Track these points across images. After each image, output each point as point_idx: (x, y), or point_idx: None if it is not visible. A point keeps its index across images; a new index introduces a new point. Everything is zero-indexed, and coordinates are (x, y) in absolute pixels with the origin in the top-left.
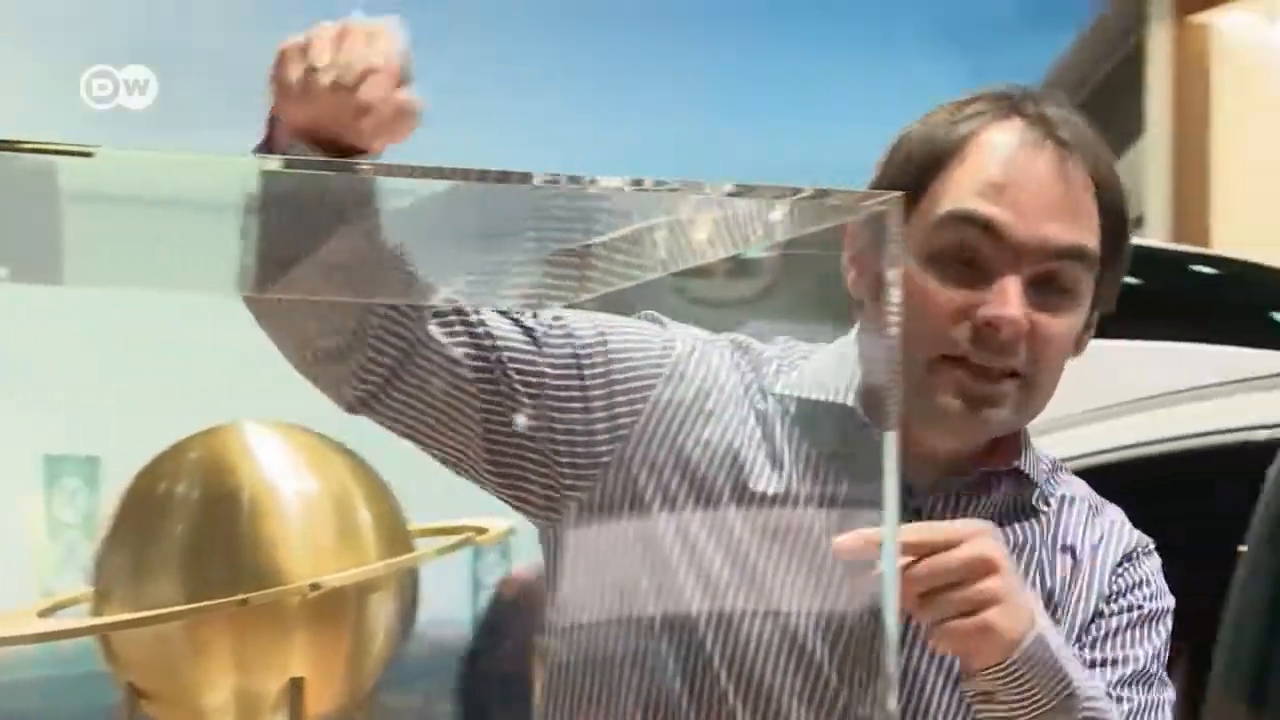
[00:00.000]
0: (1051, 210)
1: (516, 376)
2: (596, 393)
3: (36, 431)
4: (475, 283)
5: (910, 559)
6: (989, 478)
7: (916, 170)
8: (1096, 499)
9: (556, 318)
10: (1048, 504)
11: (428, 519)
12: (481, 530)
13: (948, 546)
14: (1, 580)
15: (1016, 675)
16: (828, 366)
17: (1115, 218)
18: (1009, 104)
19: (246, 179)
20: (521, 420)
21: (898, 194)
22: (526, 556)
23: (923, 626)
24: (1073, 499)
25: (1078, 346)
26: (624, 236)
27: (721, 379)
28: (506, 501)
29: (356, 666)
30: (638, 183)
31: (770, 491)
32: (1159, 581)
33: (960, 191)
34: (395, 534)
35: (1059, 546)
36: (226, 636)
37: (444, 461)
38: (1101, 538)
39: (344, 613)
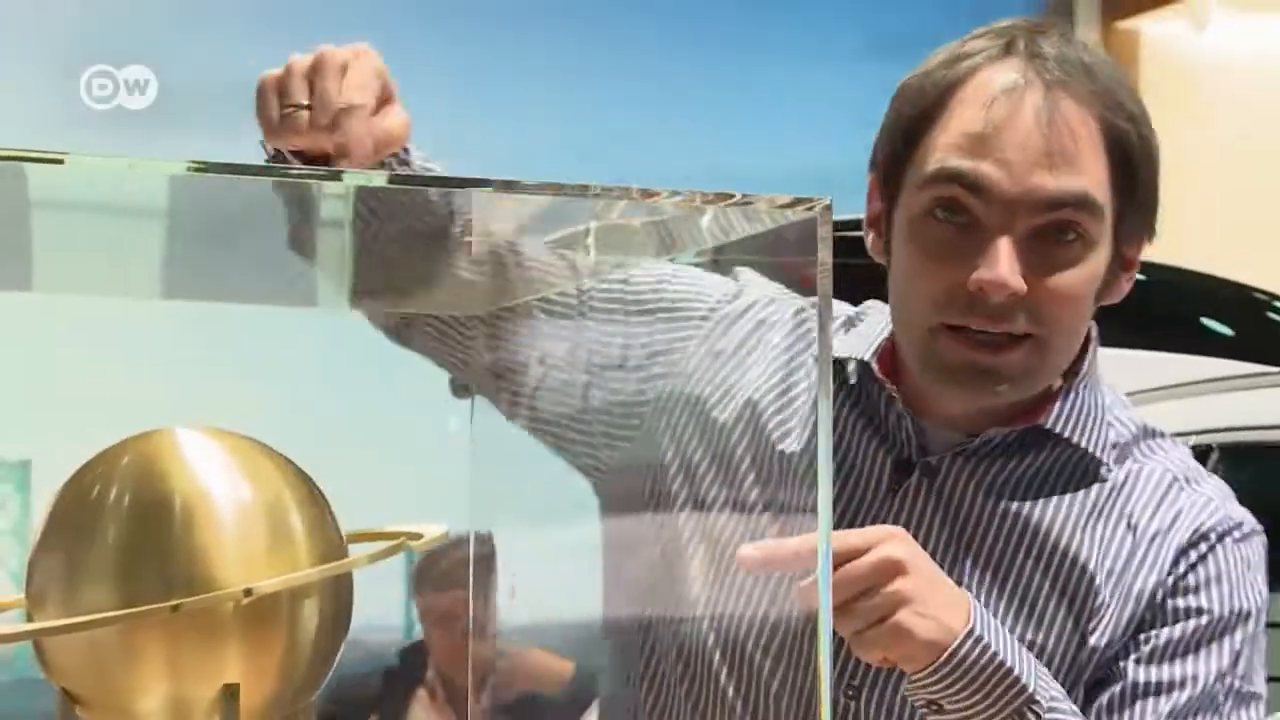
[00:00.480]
0: (1041, 158)
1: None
2: (637, 341)
3: None
4: (410, 285)
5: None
6: (1024, 438)
7: (906, 127)
8: (1191, 472)
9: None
10: (1110, 471)
11: (362, 524)
12: (416, 535)
13: (856, 554)
14: None
15: (950, 679)
16: (873, 328)
17: (1125, 151)
18: (1003, 44)
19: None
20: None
21: (825, 199)
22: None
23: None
24: (1151, 471)
25: (1112, 291)
26: (556, 241)
27: (769, 336)
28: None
29: (291, 672)
30: (583, 187)
31: (793, 450)
32: (1240, 576)
33: (943, 148)
34: (329, 540)
35: (1122, 522)
36: (160, 642)
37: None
38: (1177, 517)
39: (278, 618)
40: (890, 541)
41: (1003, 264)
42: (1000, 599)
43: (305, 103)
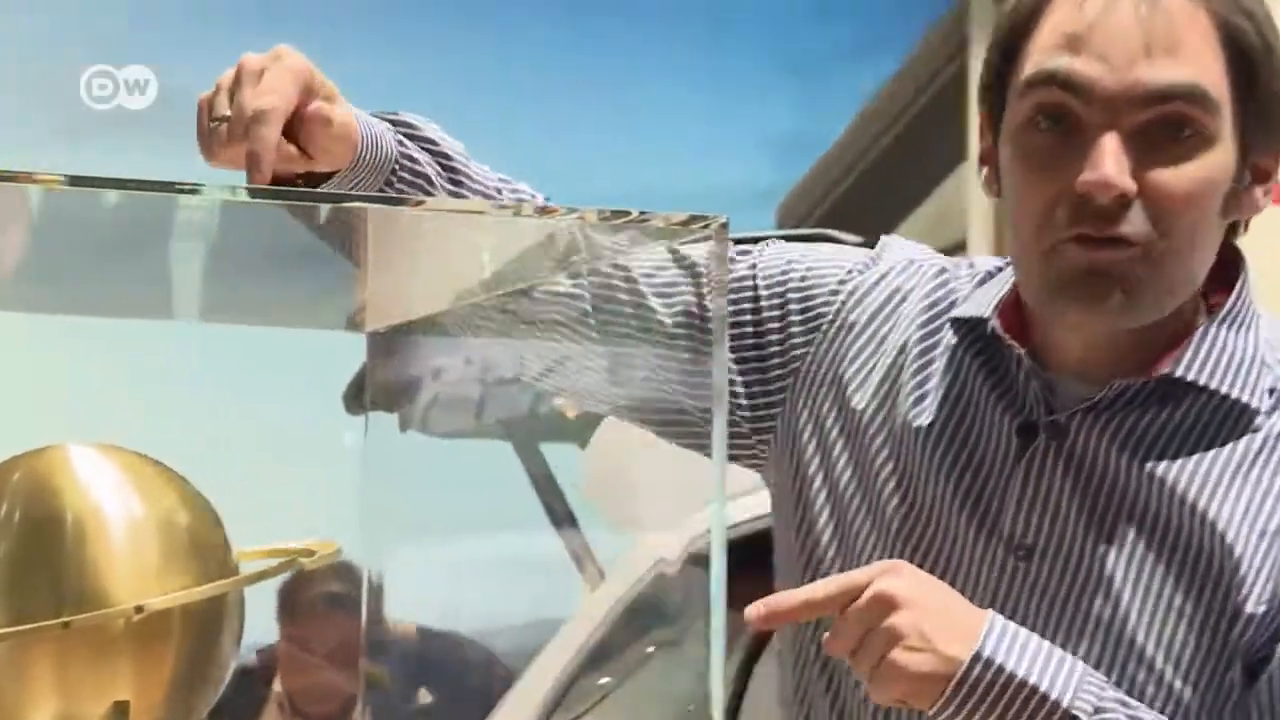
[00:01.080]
0: (1143, 49)
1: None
2: (771, 326)
3: None
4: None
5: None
6: (1159, 388)
7: (1004, 41)
8: None
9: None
10: (1265, 419)
11: (256, 541)
12: (310, 553)
13: (859, 591)
14: None
15: (966, 708)
16: (999, 284)
17: (1242, 48)
18: None
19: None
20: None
21: (721, 218)
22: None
23: None
24: None
25: (1239, 206)
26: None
27: (903, 307)
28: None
29: (184, 690)
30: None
31: (921, 423)
32: None
33: (1039, 51)
34: (222, 557)
35: (1278, 476)
36: (49, 659)
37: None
38: None
39: (170, 635)
40: (886, 576)
41: (1108, 162)
42: (1136, 566)
43: (225, 114)
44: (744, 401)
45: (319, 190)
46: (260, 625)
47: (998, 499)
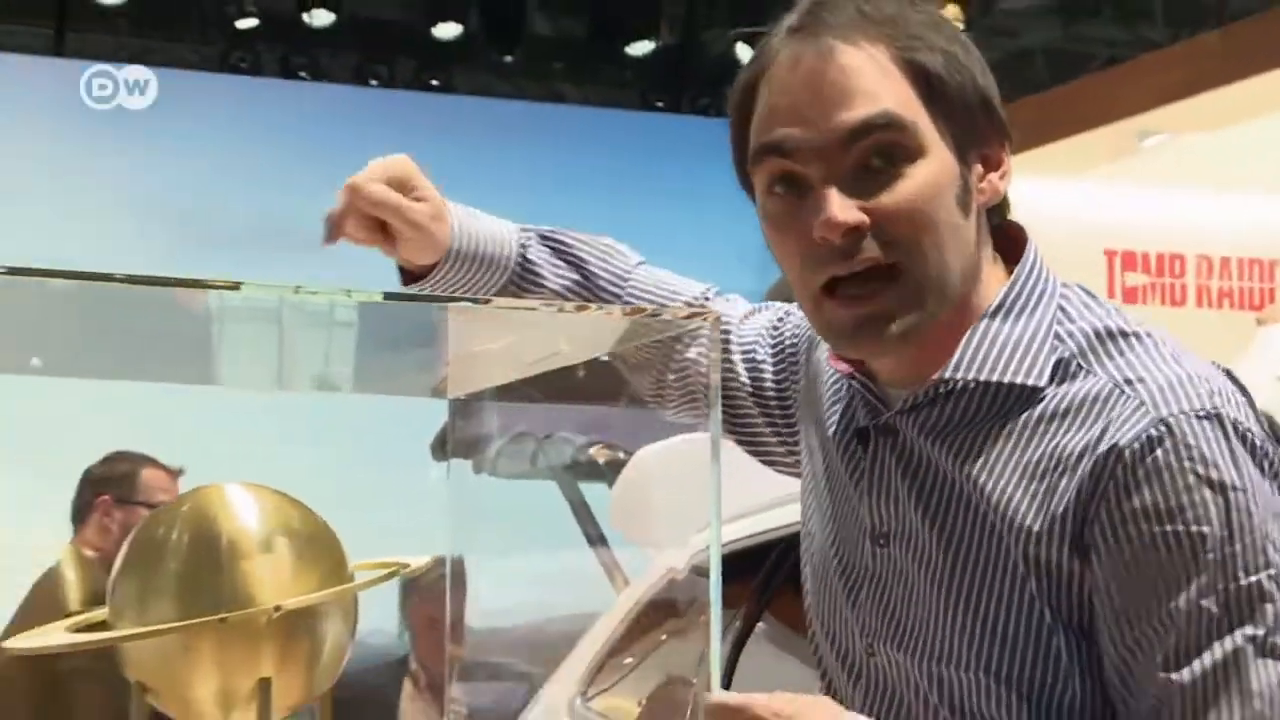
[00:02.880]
0: (832, 101)
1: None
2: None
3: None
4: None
5: None
6: (939, 386)
7: (738, 111)
8: (1142, 371)
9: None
10: (1046, 394)
11: (365, 556)
12: (406, 565)
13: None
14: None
15: None
16: None
17: (925, 70)
18: (786, 29)
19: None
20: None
21: (715, 313)
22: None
23: None
24: (1092, 387)
25: (985, 194)
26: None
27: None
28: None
29: (312, 669)
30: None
31: (827, 434)
32: (1172, 481)
33: (757, 130)
34: (340, 568)
35: (1049, 446)
36: (210, 647)
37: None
38: (1104, 432)
39: (301, 628)
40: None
41: (831, 205)
42: (959, 538)
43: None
44: (782, 434)
45: (403, 292)
46: (371, 620)
47: (861, 496)
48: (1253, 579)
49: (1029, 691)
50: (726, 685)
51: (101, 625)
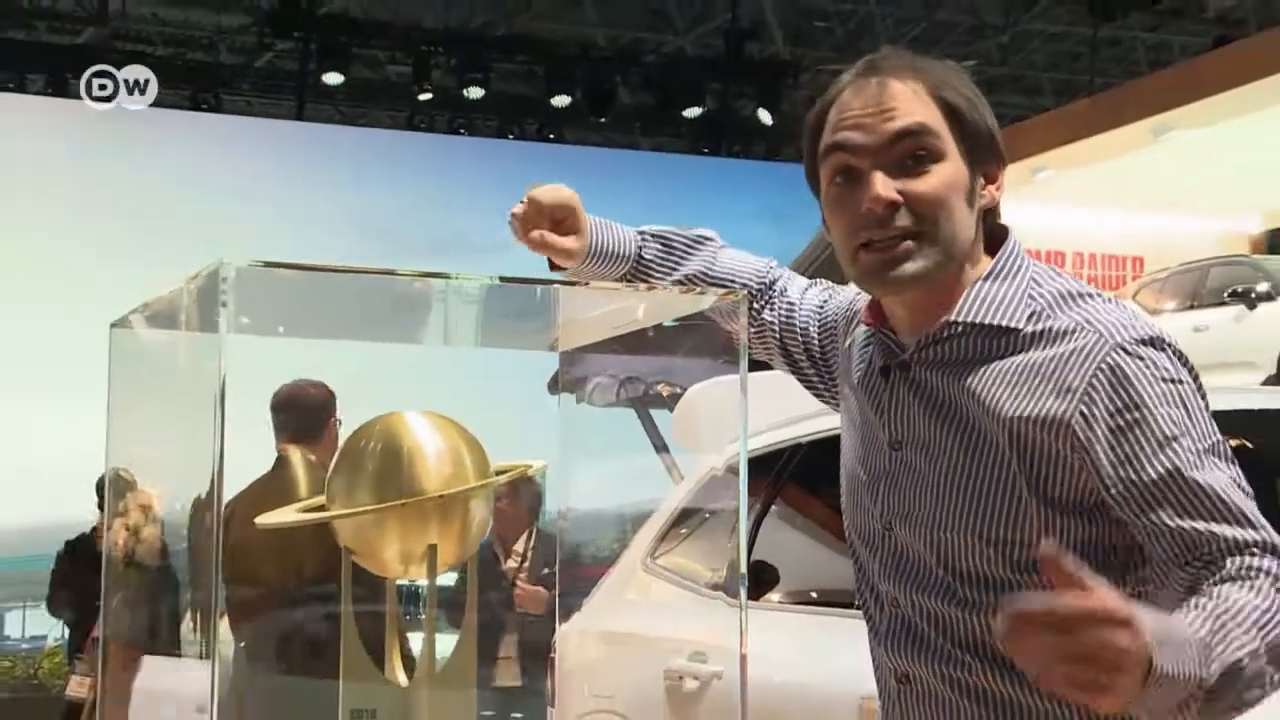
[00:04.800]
0: (880, 115)
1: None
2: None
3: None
4: None
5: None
6: (946, 331)
7: (812, 130)
8: (1093, 316)
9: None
10: (1023, 331)
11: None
12: (530, 466)
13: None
14: None
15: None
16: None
17: (949, 101)
18: (854, 72)
19: None
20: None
21: (744, 291)
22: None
23: None
24: (1057, 321)
25: (984, 198)
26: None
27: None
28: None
29: (464, 539)
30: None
31: (855, 380)
32: (1137, 378)
33: (828, 134)
34: (483, 467)
35: (1030, 360)
36: (395, 522)
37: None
38: (1071, 352)
39: (457, 510)
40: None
41: (876, 185)
42: (959, 444)
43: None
44: (823, 376)
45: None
46: None
47: (881, 418)
48: (1208, 442)
49: (1005, 548)
50: (749, 549)
51: (320, 508)
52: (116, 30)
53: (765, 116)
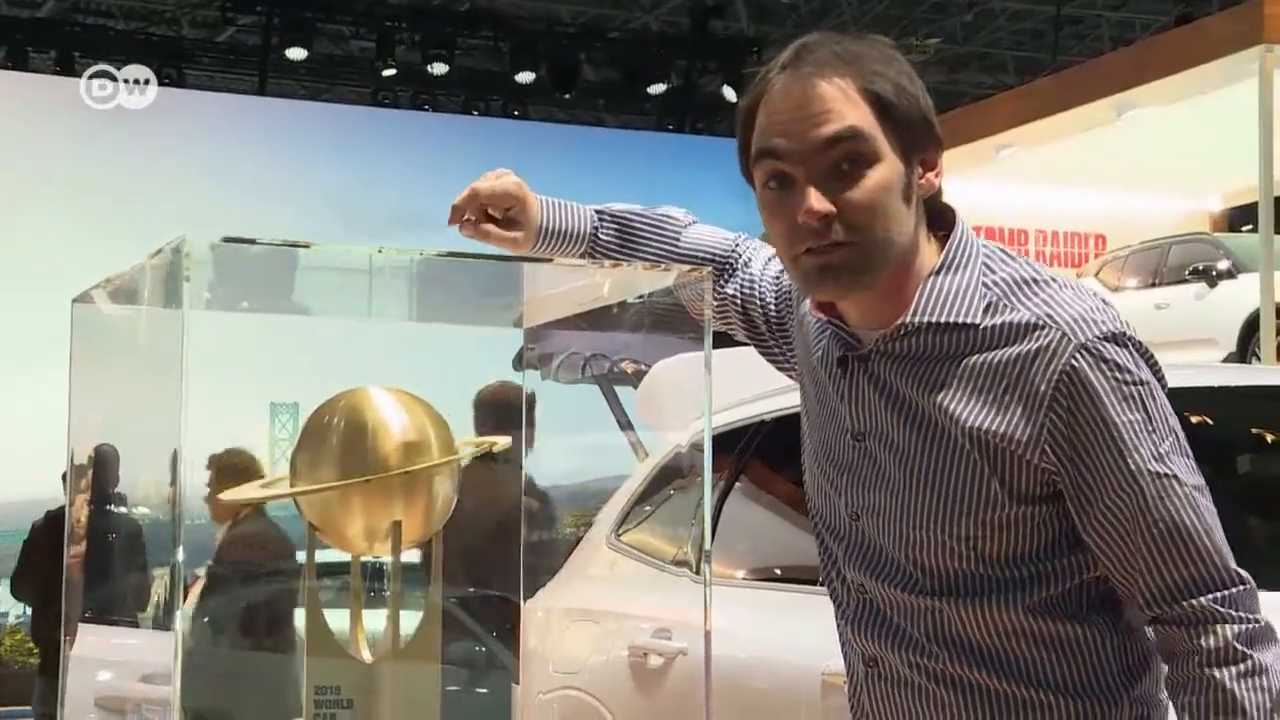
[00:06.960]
0: (809, 119)
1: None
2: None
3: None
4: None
5: None
6: (903, 330)
7: (743, 125)
8: (1052, 306)
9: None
10: (980, 326)
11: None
12: (495, 442)
13: None
14: None
15: None
16: None
17: (879, 95)
18: (783, 62)
19: None
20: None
21: (708, 269)
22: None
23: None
24: (1013, 317)
25: (924, 187)
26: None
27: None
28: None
29: (429, 515)
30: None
31: (813, 364)
32: (1100, 383)
33: (757, 139)
34: (447, 443)
35: (987, 359)
36: (360, 498)
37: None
38: (1032, 352)
39: (421, 486)
40: None
41: (810, 199)
42: (917, 437)
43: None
44: (783, 348)
45: (495, 252)
46: None
47: (843, 406)
48: (1166, 442)
49: (973, 543)
50: (714, 525)
51: (283, 484)
52: (77, 3)
53: (730, 93)
